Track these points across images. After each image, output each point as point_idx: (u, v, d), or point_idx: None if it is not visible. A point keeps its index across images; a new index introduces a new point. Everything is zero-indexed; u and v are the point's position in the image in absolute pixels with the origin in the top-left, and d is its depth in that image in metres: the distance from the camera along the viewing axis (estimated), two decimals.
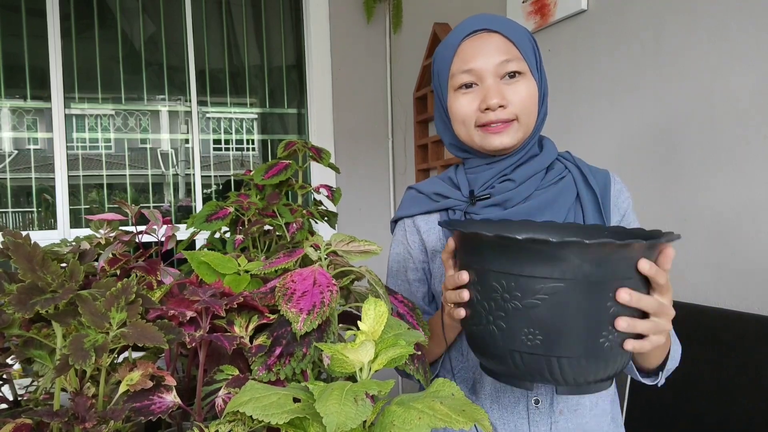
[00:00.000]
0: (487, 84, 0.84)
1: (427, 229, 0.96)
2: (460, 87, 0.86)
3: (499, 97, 0.83)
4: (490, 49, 0.84)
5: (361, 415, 0.44)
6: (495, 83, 0.84)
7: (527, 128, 0.87)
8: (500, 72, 0.84)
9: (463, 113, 0.87)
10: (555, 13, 1.72)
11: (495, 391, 0.86)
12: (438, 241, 0.94)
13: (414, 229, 0.97)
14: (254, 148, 3.05)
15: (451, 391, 0.54)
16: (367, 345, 0.52)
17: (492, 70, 0.84)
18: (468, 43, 0.86)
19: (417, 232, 0.97)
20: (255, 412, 0.46)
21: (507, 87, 0.84)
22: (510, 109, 0.84)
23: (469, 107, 0.86)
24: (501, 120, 0.84)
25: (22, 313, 0.45)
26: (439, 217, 0.95)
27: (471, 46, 0.85)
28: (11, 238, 0.49)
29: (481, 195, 0.89)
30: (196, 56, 2.78)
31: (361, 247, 0.69)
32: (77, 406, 0.49)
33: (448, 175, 0.98)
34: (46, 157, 2.61)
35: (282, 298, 0.58)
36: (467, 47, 0.86)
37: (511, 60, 0.84)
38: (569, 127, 1.70)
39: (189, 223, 0.92)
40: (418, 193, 0.99)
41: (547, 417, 0.83)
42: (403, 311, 0.71)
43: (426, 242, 0.96)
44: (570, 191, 0.89)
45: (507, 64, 0.83)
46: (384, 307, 0.55)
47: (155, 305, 0.56)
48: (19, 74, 2.56)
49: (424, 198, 0.97)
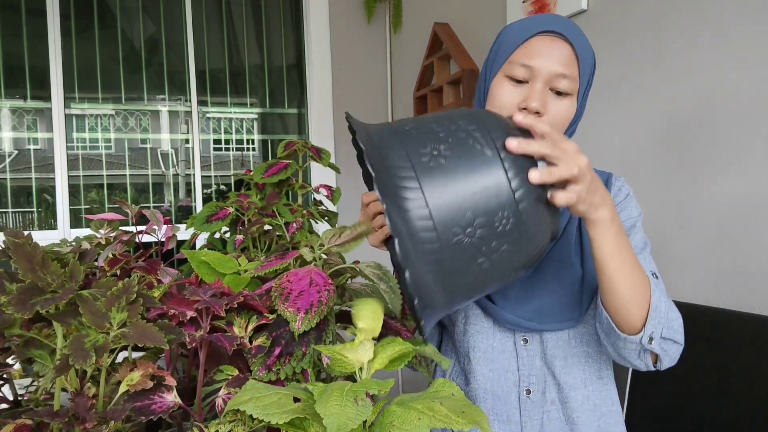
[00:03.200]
0: (535, 86, 0.83)
1: None
2: (511, 77, 0.86)
3: (540, 102, 0.82)
4: (556, 57, 0.83)
5: (361, 416, 0.45)
6: (543, 89, 0.83)
7: None
8: (552, 83, 0.83)
9: (503, 102, 0.86)
10: (555, 12, 1.72)
11: (487, 381, 0.86)
12: None
13: None
14: (254, 148, 3.05)
15: (451, 392, 0.54)
16: (366, 345, 0.52)
17: (547, 77, 0.83)
18: (539, 39, 0.85)
19: None
20: (255, 412, 0.46)
21: (552, 99, 0.84)
22: (544, 119, 0.83)
23: (510, 99, 0.85)
24: None
25: (22, 313, 0.45)
26: None
27: (540, 43, 0.84)
28: (12, 238, 0.49)
29: None
30: (196, 56, 2.78)
31: (353, 233, 0.68)
32: (77, 407, 0.49)
33: None
34: (46, 157, 2.61)
35: (279, 298, 0.58)
36: (537, 43, 0.84)
37: (567, 77, 0.83)
38: None
39: (189, 224, 0.92)
40: None
41: (539, 407, 0.84)
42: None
43: None
44: None
45: (562, 80, 0.83)
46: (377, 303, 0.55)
47: (156, 304, 0.56)
48: (19, 74, 2.56)
49: None
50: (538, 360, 0.85)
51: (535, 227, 0.58)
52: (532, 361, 0.85)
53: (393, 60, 2.96)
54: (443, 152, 0.56)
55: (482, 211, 0.55)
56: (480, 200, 0.55)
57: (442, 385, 0.55)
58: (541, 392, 0.84)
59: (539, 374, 0.85)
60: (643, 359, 0.75)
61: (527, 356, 0.85)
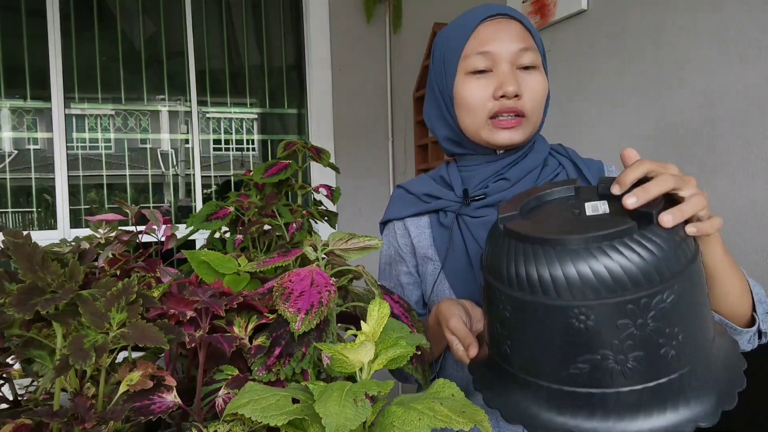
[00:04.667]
0: (503, 70, 0.79)
1: (417, 233, 0.92)
2: (472, 71, 0.81)
3: (515, 85, 0.78)
4: (510, 35, 0.80)
5: (360, 416, 0.44)
6: (511, 70, 0.80)
7: (534, 127, 0.84)
8: (517, 61, 0.80)
9: (475, 100, 0.81)
10: (555, 13, 1.72)
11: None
12: (429, 247, 0.90)
13: (405, 231, 0.94)
14: (254, 148, 3.05)
15: (452, 392, 0.54)
16: (367, 345, 0.52)
17: (509, 57, 0.79)
18: (486, 25, 0.81)
19: (407, 235, 0.93)
20: (254, 414, 0.46)
21: (522, 77, 0.80)
22: (523, 102, 0.80)
23: (481, 94, 0.81)
24: (514, 110, 0.80)
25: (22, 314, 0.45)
26: (429, 219, 0.91)
27: (489, 28, 0.81)
28: (11, 238, 0.49)
29: (475, 195, 0.85)
30: (196, 56, 2.78)
31: (360, 243, 0.68)
32: (77, 407, 0.49)
33: (439, 173, 0.94)
34: (46, 157, 2.61)
35: (280, 297, 0.58)
36: (485, 30, 0.81)
37: (528, 50, 0.80)
38: (569, 126, 1.70)
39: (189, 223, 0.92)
40: (406, 192, 0.95)
41: None
42: (399, 312, 0.71)
43: (416, 247, 0.92)
44: None
45: (524, 53, 0.79)
46: (387, 308, 0.55)
47: (156, 304, 0.56)
48: (19, 74, 2.56)
49: (413, 199, 0.93)
50: None
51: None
52: None
53: (393, 60, 2.96)
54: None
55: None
56: None
57: (442, 385, 0.55)
58: None
59: None
60: (753, 342, 0.73)
61: None
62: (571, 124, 1.70)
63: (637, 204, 0.52)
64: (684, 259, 0.51)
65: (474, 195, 0.85)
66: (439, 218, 0.89)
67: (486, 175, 0.86)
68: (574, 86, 1.68)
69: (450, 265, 0.86)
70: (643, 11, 1.45)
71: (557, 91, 1.74)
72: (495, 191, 0.84)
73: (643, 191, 0.52)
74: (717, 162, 1.26)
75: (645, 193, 0.52)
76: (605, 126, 1.57)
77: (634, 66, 1.47)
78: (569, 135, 1.69)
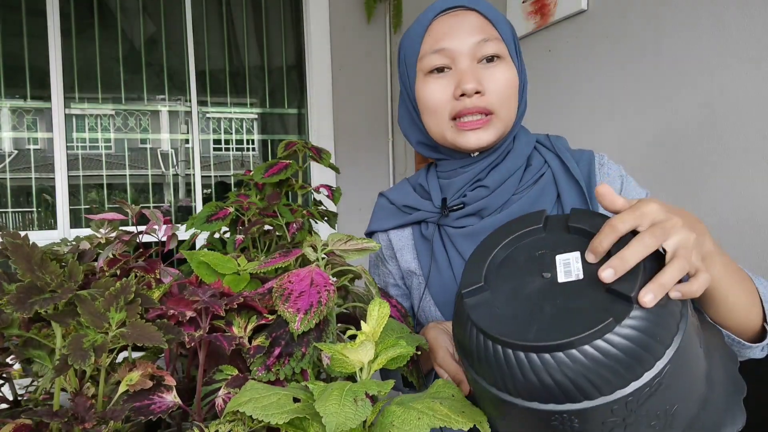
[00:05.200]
0: (461, 67, 0.74)
1: (400, 246, 0.89)
2: (430, 71, 0.76)
3: (475, 81, 0.73)
4: (466, 28, 0.74)
5: (360, 416, 0.44)
6: (471, 66, 0.74)
7: (506, 123, 0.77)
8: (477, 54, 0.74)
9: (435, 101, 0.76)
10: (555, 13, 1.72)
11: None
12: (413, 260, 0.87)
13: (388, 243, 0.91)
14: (254, 148, 3.05)
15: (451, 393, 0.54)
16: (367, 345, 0.52)
17: (468, 52, 0.74)
18: (441, 20, 0.76)
19: (391, 247, 0.91)
20: (255, 412, 0.46)
21: (484, 71, 0.75)
22: (487, 98, 0.74)
23: (441, 95, 0.76)
24: (478, 108, 0.74)
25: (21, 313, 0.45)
26: (412, 230, 0.88)
27: (444, 23, 0.76)
28: (9, 239, 0.49)
29: (453, 205, 0.80)
30: (196, 56, 2.78)
31: (359, 245, 0.69)
32: (77, 406, 0.49)
33: (418, 180, 0.89)
34: (46, 157, 2.61)
35: (279, 298, 0.58)
36: (440, 25, 0.76)
37: (489, 40, 0.74)
38: (568, 127, 1.70)
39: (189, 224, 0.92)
40: (388, 202, 0.92)
41: None
42: (396, 316, 0.71)
43: (400, 261, 0.89)
44: (550, 191, 0.79)
45: (485, 44, 0.74)
46: (387, 308, 0.55)
47: (155, 304, 0.56)
48: (19, 74, 2.56)
49: (394, 209, 0.89)
50: None
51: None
52: None
53: (393, 60, 2.96)
54: None
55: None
56: None
57: (442, 386, 0.55)
58: None
59: None
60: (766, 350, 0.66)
61: None
62: (570, 124, 1.70)
63: (615, 277, 0.46)
64: (671, 334, 0.46)
65: (452, 205, 0.81)
66: (421, 230, 0.86)
67: (463, 183, 0.81)
68: (574, 86, 1.68)
69: (434, 281, 0.82)
70: (643, 11, 1.45)
71: (557, 92, 1.74)
72: (473, 199, 0.79)
73: (620, 261, 0.46)
74: (717, 162, 1.26)
75: (623, 264, 0.46)
76: (605, 126, 1.57)
77: (634, 66, 1.47)
78: (569, 135, 1.69)
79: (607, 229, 0.48)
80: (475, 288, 0.53)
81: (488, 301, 0.52)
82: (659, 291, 0.44)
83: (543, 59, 1.80)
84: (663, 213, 0.49)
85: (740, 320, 0.61)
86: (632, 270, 0.46)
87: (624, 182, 0.80)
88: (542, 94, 1.79)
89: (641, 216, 0.48)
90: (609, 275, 0.46)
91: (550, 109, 1.78)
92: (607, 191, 0.51)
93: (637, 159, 1.47)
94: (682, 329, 0.47)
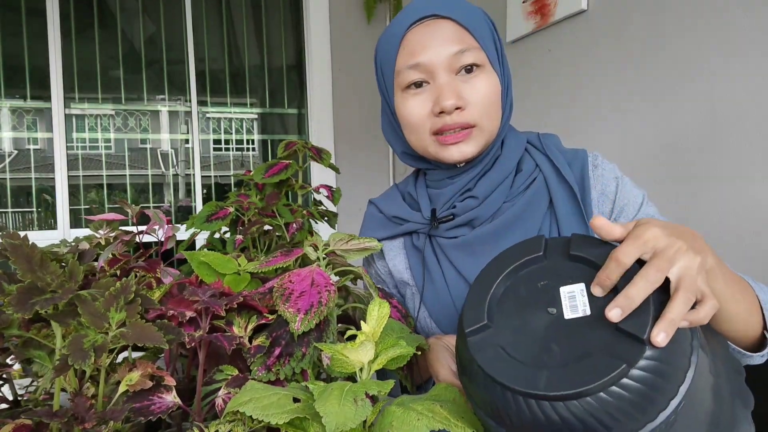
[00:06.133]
0: (439, 82, 0.72)
1: (392, 256, 0.87)
2: (408, 87, 0.74)
3: (454, 97, 0.70)
4: (440, 39, 0.71)
5: (360, 416, 0.44)
6: (449, 80, 0.72)
7: (490, 133, 0.75)
8: (454, 66, 0.71)
9: (414, 119, 0.74)
10: (555, 13, 1.72)
11: None
12: (405, 271, 0.86)
13: (380, 254, 0.89)
14: (254, 148, 3.05)
15: (453, 397, 0.54)
16: (367, 345, 0.52)
17: (444, 64, 0.71)
18: (414, 32, 0.72)
19: (383, 257, 0.89)
20: (255, 413, 0.46)
21: (464, 84, 0.72)
22: (468, 111, 0.72)
23: (420, 111, 0.74)
24: (459, 124, 0.72)
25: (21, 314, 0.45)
26: (403, 241, 0.87)
27: (418, 35, 0.72)
28: (9, 239, 0.49)
29: (443, 216, 0.79)
30: (196, 56, 2.78)
31: (360, 244, 0.69)
32: (77, 407, 0.49)
33: (407, 188, 0.87)
34: (46, 157, 2.61)
35: (280, 298, 0.58)
36: (413, 37, 0.72)
37: (466, 50, 0.71)
38: (569, 127, 1.70)
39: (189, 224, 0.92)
40: (378, 212, 0.90)
41: None
42: (396, 317, 0.71)
43: (393, 271, 0.87)
44: (542, 197, 0.77)
45: (462, 55, 0.71)
46: (387, 308, 0.55)
47: (154, 305, 0.56)
48: (19, 74, 2.56)
49: (384, 220, 0.88)
50: None
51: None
52: None
53: None
54: None
55: None
56: None
57: (443, 389, 0.55)
58: None
59: None
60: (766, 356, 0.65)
61: None
62: (570, 124, 1.69)
63: (623, 317, 0.45)
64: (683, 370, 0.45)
65: (441, 216, 0.79)
66: (413, 240, 0.84)
67: (452, 193, 0.79)
68: (574, 87, 1.68)
69: (428, 292, 0.81)
70: (643, 11, 1.44)
71: (556, 91, 1.74)
72: (463, 210, 0.78)
73: (626, 300, 0.45)
74: (717, 162, 1.26)
75: (629, 303, 0.45)
76: (605, 126, 1.57)
77: (634, 66, 1.47)
78: (569, 135, 1.69)
79: (612, 264, 0.47)
80: (478, 327, 0.52)
81: (493, 340, 0.50)
82: (670, 328, 0.44)
83: (543, 59, 1.80)
84: (665, 238, 0.48)
85: (739, 330, 0.61)
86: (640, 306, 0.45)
87: (619, 184, 0.78)
88: (542, 94, 1.79)
89: (644, 245, 0.48)
90: (616, 315, 0.45)
91: (549, 108, 1.78)
92: (603, 223, 0.51)
93: (637, 158, 1.47)
94: (693, 363, 0.46)
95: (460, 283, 0.78)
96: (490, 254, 0.62)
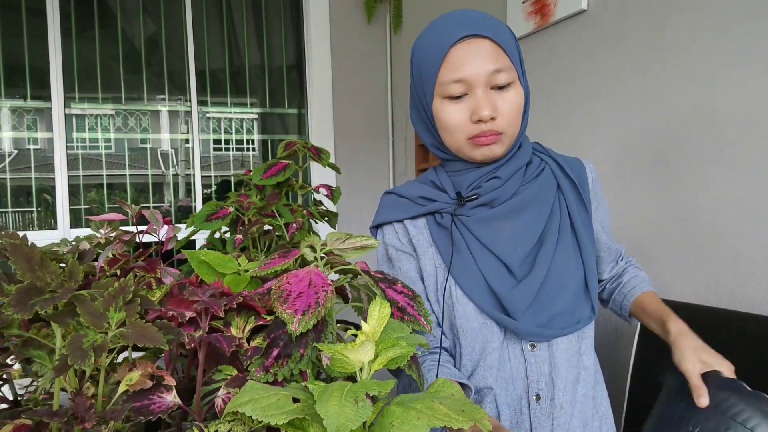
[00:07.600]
0: (478, 95, 0.83)
1: (416, 233, 0.93)
2: (448, 96, 0.85)
3: (491, 109, 0.82)
4: (481, 58, 0.82)
5: (361, 416, 0.44)
6: (485, 94, 0.83)
7: (513, 137, 0.88)
8: (491, 82, 0.83)
9: (453, 123, 0.85)
10: (555, 13, 1.72)
11: (497, 390, 0.85)
12: (429, 246, 0.92)
13: (405, 231, 0.94)
14: (254, 148, 3.05)
15: (451, 392, 0.54)
16: (367, 345, 0.52)
17: (483, 81, 0.82)
18: (458, 49, 0.83)
19: (407, 235, 0.94)
20: (254, 413, 0.46)
21: (497, 97, 0.84)
22: (500, 121, 0.84)
23: (460, 118, 0.85)
24: (492, 132, 0.84)
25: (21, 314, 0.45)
26: (426, 221, 0.93)
27: (461, 53, 0.83)
28: (9, 239, 0.49)
29: (469, 196, 0.89)
30: (196, 56, 2.78)
31: (358, 243, 0.68)
32: (77, 406, 0.49)
33: (429, 178, 0.97)
34: (46, 157, 2.61)
35: (278, 299, 0.58)
36: (457, 54, 0.83)
37: (502, 70, 0.83)
38: (569, 127, 1.70)
39: (189, 223, 0.92)
40: (399, 197, 0.96)
41: (549, 413, 0.83)
42: (403, 302, 0.71)
43: (416, 246, 0.93)
44: (551, 183, 0.91)
45: (498, 75, 0.82)
46: (387, 308, 0.55)
47: (154, 305, 0.56)
48: (19, 74, 2.56)
49: (407, 202, 0.95)
50: (546, 366, 0.84)
51: None
52: (540, 367, 0.84)
53: (393, 60, 2.96)
54: None
55: None
56: None
57: (442, 385, 0.55)
58: (550, 398, 0.84)
59: (548, 380, 0.84)
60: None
61: (535, 362, 0.84)
62: (570, 124, 1.69)
63: None
64: None
65: (468, 195, 0.89)
66: (436, 219, 0.92)
67: (475, 178, 0.90)
68: (573, 86, 1.68)
69: (455, 264, 0.89)
70: (643, 11, 1.44)
71: (557, 91, 1.74)
72: (488, 190, 0.89)
73: None
74: (718, 162, 1.26)
75: None
76: (605, 126, 1.57)
77: (634, 66, 1.47)
78: (569, 135, 1.69)
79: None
80: None
81: None
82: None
83: (543, 59, 1.80)
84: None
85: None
86: None
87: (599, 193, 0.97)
88: (542, 94, 1.79)
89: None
90: None
91: (550, 108, 1.78)
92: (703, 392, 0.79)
93: (637, 158, 1.47)
94: None
95: (484, 252, 0.88)
96: (510, 228, 0.86)
